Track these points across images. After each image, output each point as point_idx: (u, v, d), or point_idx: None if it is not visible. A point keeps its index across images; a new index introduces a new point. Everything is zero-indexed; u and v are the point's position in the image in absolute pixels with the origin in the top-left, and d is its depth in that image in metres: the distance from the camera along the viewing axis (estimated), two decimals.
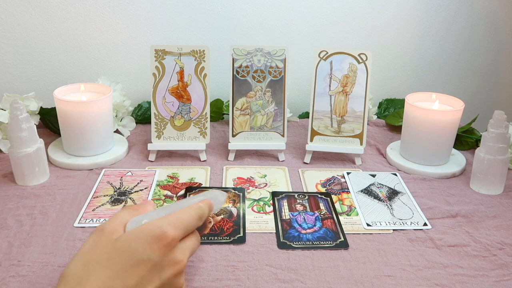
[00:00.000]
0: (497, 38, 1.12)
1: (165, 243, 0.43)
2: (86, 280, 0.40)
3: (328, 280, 0.55)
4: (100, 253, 0.42)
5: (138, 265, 0.41)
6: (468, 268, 0.58)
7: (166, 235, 0.43)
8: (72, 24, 0.96)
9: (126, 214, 0.46)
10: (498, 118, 0.73)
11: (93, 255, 0.42)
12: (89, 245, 0.43)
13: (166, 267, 0.43)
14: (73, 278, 0.41)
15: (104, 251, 0.42)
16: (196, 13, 0.99)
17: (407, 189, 0.76)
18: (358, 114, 0.82)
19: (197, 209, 0.47)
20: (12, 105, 0.70)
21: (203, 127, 0.83)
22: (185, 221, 0.46)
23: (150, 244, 0.42)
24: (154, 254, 0.42)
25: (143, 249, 0.42)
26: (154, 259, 0.42)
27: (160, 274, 0.43)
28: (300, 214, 0.68)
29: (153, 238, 0.42)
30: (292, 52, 0.99)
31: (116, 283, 0.41)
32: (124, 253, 0.42)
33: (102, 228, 0.44)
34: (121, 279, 0.41)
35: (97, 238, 0.43)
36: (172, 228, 0.44)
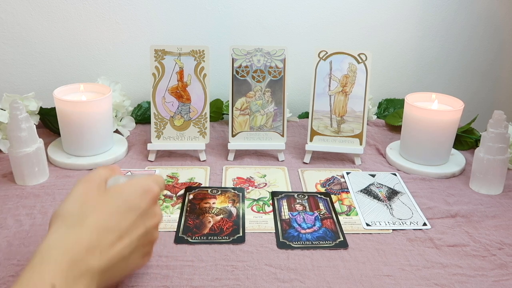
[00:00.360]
0: (497, 38, 1.12)
1: (151, 196, 0.48)
2: (84, 219, 0.44)
3: (328, 280, 0.55)
4: (94, 197, 0.46)
5: (129, 211, 0.46)
6: (468, 268, 0.58)
7: (152, 189, 0.48)
8: (72, 24, 0.96)
9: (105, 172, 0.50)
10: (497, 118, 0.73)
11: (88, 199, 0.46)
12: (80, 191, 0.47)
13: (150, 217, 0.48)
14: (70, 216, 0.44)
15: (98, 196, 0.46)
16: (196, 13, 0.99)
17: (406, 189, 0.76)
18: (357, 114, 0.82)
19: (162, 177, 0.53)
20: (12, 105, 0.70)
21: (203, 127, 0.83)
22: (160, 182, 0.51)
23: (141, 195, 0.47)
24: (144, 204, 0.47)
25: (134, 199, 0.47)
26: (142, 208, 0.47)
27: (145, 222, 0.48)
28: (299, 214, 0.68)
29: (142, 190, 0.48)
30: (291, 52, 0.99)
31: (111, 224, 0.45)
32: (117, 200, 0.46)
33: (88, 179, 0.48)
34: (115, 221, 0.45)
35: (87, 186, 0.47)
36: (156, 184, 0.49)
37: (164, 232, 0.63)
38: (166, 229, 0.63)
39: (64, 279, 0.41)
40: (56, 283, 0.40)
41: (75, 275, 0.41)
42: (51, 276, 0.40)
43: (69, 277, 0.41)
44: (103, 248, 0.44)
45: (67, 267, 0.41)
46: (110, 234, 0.45)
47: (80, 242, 0.43)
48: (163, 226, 0.64)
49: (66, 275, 0.41)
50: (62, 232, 0.43)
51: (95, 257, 0.43)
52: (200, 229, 0.63)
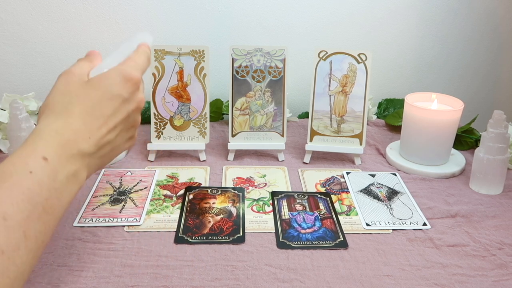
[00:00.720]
0: (497, 38, 1.12)
1: (132, 82, 0.50)
2: (69, 106, 0.46)
3: (328, 280, 0.55)
4: (77, 88, 0.48)
5: (112, 99, 0.48)
6: (467, 268, 0.58)
7: (132, 76, 0.50)
8: (72, 24, 0.96)
9: (85, 64, 0.51)
10: (497, 118, 0.73)
11: (70, 90, 0.48)
12: (63, 84, 0.48)
13: (132, 102, 0.51)
14: (57, 105, 0.47)
15: (80, 87, 0.48)
16: (196, 13, 0.99)
17: (406, 189, 0.76)
18: (357, 114, 0.82)
19: (145, 52, 0.54)
20: (12, 105, 0.70)
21: (203, 127, 0.83)
22: (141, 64, 0.52)
23: (122, 83, 0.49)
24: (125, 91, 0.49)
25: (115, 86, 0.49)
26: (124, 95, 0.49)
27: (127, 107, 0.50)
28: (299, 214, 0.68)
29: (122, 78, 0.49)
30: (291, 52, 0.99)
31: (96, 112, 0.47)
32: (99, 89, 0.48)
33: (70, 72, 0.49)
34: (99, 108, 0.48)
35: (69, 79, 0.49)
36: (136, 71, 0.51)
37: (164, 232, 0.63)
38: (166, 229, 0.63)
39: (57, 156, 0.43)
40: (48, 157, 0.42)
41: (67, 154, 0.44)
42: (43, 149, 0.43)
43: (61, 155, 0.44)
44: (91, 132, 0.47)
45: (58, 146, 0.44)
46: (96, 120, 0.47)
47: (69, 127, 0.45)
48: (163, 226, 0.64)
49: (58, 152, 0.43)
50: (51, 119, 0.46)
51: (84, 141, 0.46)
52: (200, 229, 0.63)
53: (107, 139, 0.48)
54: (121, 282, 0.53)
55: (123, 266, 0.56)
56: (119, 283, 0.53)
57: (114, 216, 0.66)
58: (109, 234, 0.62)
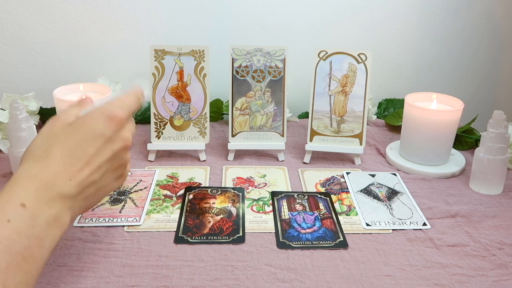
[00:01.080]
0: (497, 38, 1.12)
1: (116, 121, 0.49)
2: (50, 149, 0.46)
3: (327, 280, 0.55)
4: (60, 130, 0.48)
5: (94, 138, 0.47)
6: (467, 268, 0.58)
7: (116, 114, 0.49)
8: (72, 24, 0.96)
9: (74, 109, 0.51)
10: (497, 118, 0.73)
11: (53, 132, 0.47)
12: (47, 128, 0.48)
13: (117, 141, 0.49)
14: (38, 149, 0.46)
15: (63, 130, 0.48)
16: (196, 13, 0.99)
17: (406, 189, 0.76)
18: (357, 114, 0.82)
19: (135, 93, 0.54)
20: (12, 105, 0.70)
21: (203, 127, 0.83)
22: (128, 103, 0.52)
23: (104, 122, 0.48)
24: (108, 130, 0.48)
25: (98, 125, 0.48)
26: (107, 134, 0.48)
27: (112, 146, 0.49)
28: (299, 214, 0.68)
29: (105, 117, 0.48)
30: (291, 52, 0.99)
31: (78, 151, 0.46)
32: (81, 129, 0.48)
33: (57, 117, 0.49)
34: (81, 148, 0.47)
35: (54, 123, 0.49)
36: (120, 109, 0.50)
37: (164, 232, 0.63)
38: (166, 229, 0.63)
39: (35, 201, 0.42)
40: (26, 203, 0.41)
41: (45, 198, 0.43)
42: (21, 196, 0.42)
43: (40, 199, 0.42)
44: (71, 174, 0.45)
45: (37, 190, 0.43)
46: (77, 161, 0.46)
47: (48, 170, 0.44)
48: (163, 226, 0.64)
49: (37, 196, 0.42)
50: (30, 164, 0.45)
51: (65, 183, 0.45)
52: (200, 229, 0.63)
53: (90, 179, 0.47)
54: (121, 282, 0.53)
55: (123, 266, 0.56)
56: (119, 283, 0.53)
57: (114, 216, 0.66)
58: (109, 234, 0.62)
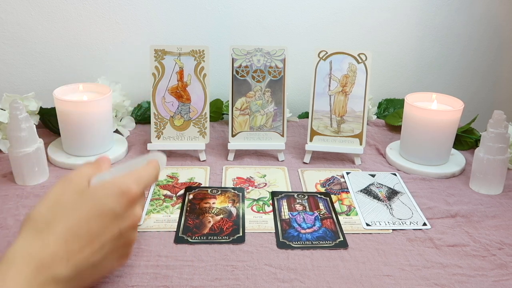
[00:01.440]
0: (497, 38, 1.12)
1: (129, 198, 0.46)
2: (53, 223, 0.43)
3: (328, 280, 0.55)
4: (68, 200, 0.45)
5: (102, 215, 0.45)
6: (467, 268, 0.58)
7: (130, 190, 0.46)
8: (72, 24, 0.96)
9: (90, 169, 0.49)
10: (497, 118, 0.73)
11: (61, 202, 0.45)
12: (56, 192, 0.46)
13: (126, 219, 0.47)
14: (41, 221, 0.43)
15: (71, 199, 0.45)
16: (196, 13, 0.99)
17: (406, 189, 0.76)
18: (357, 114, 0.82)
19: (155, 167, 0.52)
20: (12, 105, 0.70)
21: (203, 127, 0.83)
22: (146, 178, 0.50)
23: (116, 197, 0.46)
24: (118, 206, 0.45)
25: (109, 200, 0.45)
26: (117, 211, 0.45)
27: (120, 224, 0.46)
28: (299, 214, 0.68)
29: (119, 192, 0.46)
30: (291, 52, 0.99)
31: (82, 229, 0.44)
32: (91, 202, 0.45)
33: (69, 179, 0.47)
34: (86, 225, 0.44)
35: (65, 187, 0.46)
36: (136, 185, 0.47)
37: (164, 232, 0.63)
38: (166, 229, 0.63)
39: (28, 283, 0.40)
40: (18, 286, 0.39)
41: (39, 282, 0.41)
42: (14, 282, 0.39)
43: (33, 284, 0.40)
44: (70, 255, 0.43)
45: (31, 275, 0.40)
46: (79, 240, 0.43)
47: (46, 249, 0.42)
48: (163, 226, 0.64)
49: (30, 282, 0.40)
50: (30, 238, 0.43)
51: (61, 265, 0.42)
52: (200, 229, 0.63)
53: (90, 261, 0.44)
54: (121, 282, 0.53)
55: (123, 266, 0.56)
56: (119, 283, 0.53)
57: None
58: None
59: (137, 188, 0.47)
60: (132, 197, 0.47)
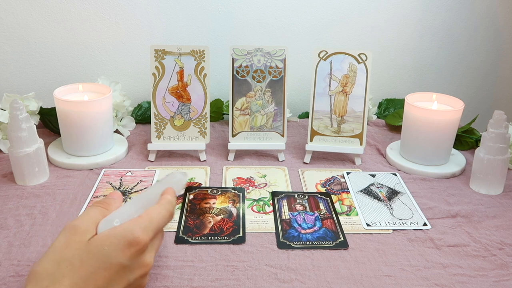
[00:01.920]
0: (497, 38, 1.12)
1: (137, 248, 0.44)
2: (59, 280, 0.41)
3: (328, 280, 0.55)
4: (74, 254, 0.43)
5: (109, 268, 0.43)
6: (468, 268, 0.58)
7: (138, 240, 0.44)
8: (72, 24, 0.96)
9: (97, 212, 0.47)
10: (498, 118, 0.73)
11: (66, 255, 0.43)
12: (61, 244, 0.44)
13: (135, 269, 0.45)
14: (46, 277, 0.41)
15: (77, 252, 0.43)
16: (196, 13, 0.99)
17: (407, 189, 0.76)
18: (358, 114, 0.82)
19: (167, 206, 0.49)
20: (12, 105, 0.70)
21: (203, 127, 0.83)
22: (157, 222, 0.47)
23: (123, 249, 0.44)
24: (126, 258, 0.44)
25: (115, 253, 0.43)
26: (125, 263, 0.43)
27: (128, 276, 0.44)
28: (300, 214, 0.68)
29: (125, 243, 0.44)
30: (292, 52, 0.99)
31: (89, 284, 0.42)
32: (97, 256, 0.43)
33: (74, 227, 0.45)
34: (93, 281, 0.42)
35: (70, 237, 0.44)
36: (144, 232, 0.45)
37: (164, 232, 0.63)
38: (166, 229, 0.63)
39: None
40: None
41: None
42: None
43: None
44: None
45: None
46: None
47: None
48: None
49: None
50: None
51: None
52: (201, 229, 0.63)
53: None
54: None
55: None
56: None
57: None
58: None
59: (146, 237, 0.45)
60: (140, 247, 0.44)
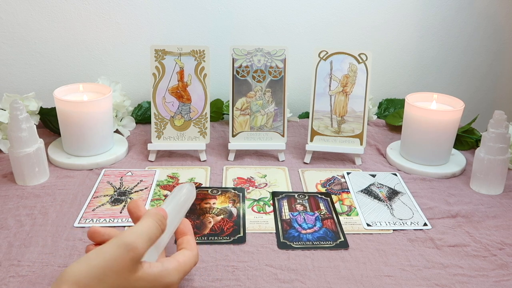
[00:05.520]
0: (497, 38, 1.12)
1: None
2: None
3: (328, 280, 0.55)
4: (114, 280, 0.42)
5: None
6: (468, 268, 0.58)
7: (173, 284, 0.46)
8: (72, 24, 0.96)
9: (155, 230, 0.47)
10: (498, 118, 0.73)
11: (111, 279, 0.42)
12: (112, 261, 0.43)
13: None
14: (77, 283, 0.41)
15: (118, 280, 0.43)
16: (196, 13, 0.99)
17: (407, 189, 0.76)
18: (358, 114, 0.82)
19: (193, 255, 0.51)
20: (12, 105, 0.70)
21: (203, 127, 0.83)
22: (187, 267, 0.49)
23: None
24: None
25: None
26: None
27: None
28: (300, 214, 0.68)
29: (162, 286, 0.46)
30: (292, 52, 0.99)
31: None
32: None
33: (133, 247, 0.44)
34: None
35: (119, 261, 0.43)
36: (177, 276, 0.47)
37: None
38: None
39: None
40: None
41: None
42: None
43: None
44: None
45: None
46: None
47: None
48: None
49: None
50: None
51: None
52: (201, 230, 0.63)
53: None
54: None
55: None
56: None
57: (115, 216, 0.66)
58: None
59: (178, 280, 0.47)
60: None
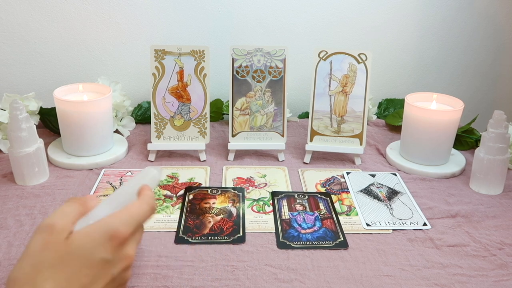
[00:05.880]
0: (497, 38, 1.12)
1: (117, 242, 0.43)
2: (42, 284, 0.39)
3: (328, 280, 0.55)
4: (53, 255, 0.41)
5: (92, 265, 0.41)
6: (468, 268, 0.58)
7: (118, 234, 0.43)
8: (72, 24, 0.96)
9: (74, 209, 0.45)
10: (497, 118, 0.73)
11: (45, 257, 0.40)
12: (38, 246, 0.41)
13: (118, 263, 0.43)
14: (27, 282, 0.39)
15: (56, 254, 0.41)
16: (196, 13, 0.99)
17: (406, 189, 0.76)
18: (357, 114, 0.82)
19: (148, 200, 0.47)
20: (12, 105, 0.70)
21: (203, 127, 0.83)
22: (137, 215, 0.45)
23: (104, 244, 0.42)
24: (107, 253, 0.42)
25: (97, 249, 0.42)
26: (107, 257, 0.42)
27: (112, 270, 0.43)
28: (299, 214, 0.68)
29: (106, 237, 0.42)
30: (292, 52, 0.99)
31: (73, 284, 0.40)
32: (78, 254, 0.41)
33: (50, 226, 0.42)
34: (77, 280, 0.40)
35: (47, 238, 0.41)
36: (124, 226, 0.43)
37: (164, 232, 0.63)
38: (166, 229, 0.63)
39: None
40: None
41: None
42: None
43: None
44: None
45: None
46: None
47: None
48: (163, 226, 0.64)
49: None
50: None
51: None
52: (200, 229, 0.63)
53: None
54: None
55: None
56: None
57: None
58: None
59: (126, 230, 0.43)
60: (121, 240, 0.43)
